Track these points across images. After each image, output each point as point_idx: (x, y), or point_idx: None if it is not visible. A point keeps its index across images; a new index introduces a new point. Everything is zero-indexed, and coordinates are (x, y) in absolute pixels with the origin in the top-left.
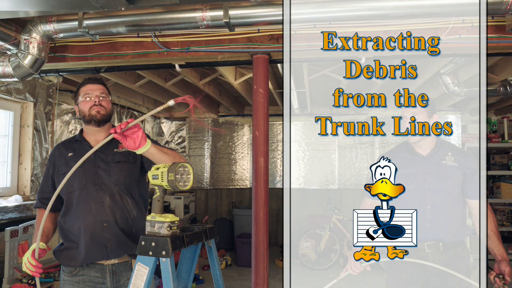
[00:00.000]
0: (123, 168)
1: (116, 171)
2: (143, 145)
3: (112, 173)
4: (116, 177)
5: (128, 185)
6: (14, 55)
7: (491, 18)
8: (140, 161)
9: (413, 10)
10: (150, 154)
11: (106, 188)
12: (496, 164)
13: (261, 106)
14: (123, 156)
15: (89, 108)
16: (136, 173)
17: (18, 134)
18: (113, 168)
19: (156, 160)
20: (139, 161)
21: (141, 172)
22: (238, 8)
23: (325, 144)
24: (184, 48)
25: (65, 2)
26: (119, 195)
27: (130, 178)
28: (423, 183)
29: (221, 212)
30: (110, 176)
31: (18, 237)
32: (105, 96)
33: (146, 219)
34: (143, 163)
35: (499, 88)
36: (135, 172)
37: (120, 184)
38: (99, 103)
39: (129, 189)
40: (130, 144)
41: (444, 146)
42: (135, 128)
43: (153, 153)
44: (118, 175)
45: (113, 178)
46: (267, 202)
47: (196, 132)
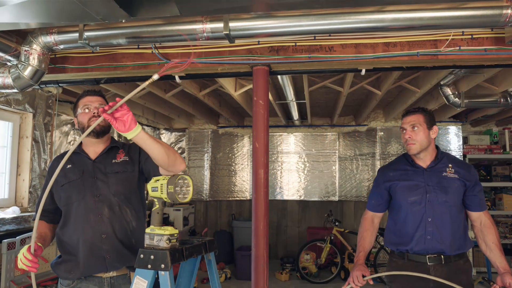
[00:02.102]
0: (122, 178)
1: (115, 181)
2: (133, 127)
3: (111, 184)
4: (115, 188)
5: (127, 195)
6: (14, 66)
7: (491, 30)
8: (138, 170)
9: (412, 22)
10: (141, 140)
11: (105, 199)
12: (498, 176)
13: (261, 118)
14: (121, 166)
15: (88, 119)
16: (135, 183)
17: (17, 145)
18: (111, 179)
19: (149, 149)
20: (137, 170)
21: (140, 181)
22: (238, 20)
23: (325, 155)
24: (184, 60)
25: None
26: (118, 206)
27: (130, 188)
28: (424, 195)
29: (221, 224)
30: (109, 187)
31: (15, 249)
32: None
33: (145, 232)
34: (141, 172)
35: (499, 99)
36: (134, 182)
37: (120, 194)
38: (98, 115)
39: (129, 199)
40: (120, 127)
41: (444, 158)
42: (125, 111)
43: (144, 139)
44: (117, 185)
45: (112, 189)
46: (267, 214)
47: (195, 143)
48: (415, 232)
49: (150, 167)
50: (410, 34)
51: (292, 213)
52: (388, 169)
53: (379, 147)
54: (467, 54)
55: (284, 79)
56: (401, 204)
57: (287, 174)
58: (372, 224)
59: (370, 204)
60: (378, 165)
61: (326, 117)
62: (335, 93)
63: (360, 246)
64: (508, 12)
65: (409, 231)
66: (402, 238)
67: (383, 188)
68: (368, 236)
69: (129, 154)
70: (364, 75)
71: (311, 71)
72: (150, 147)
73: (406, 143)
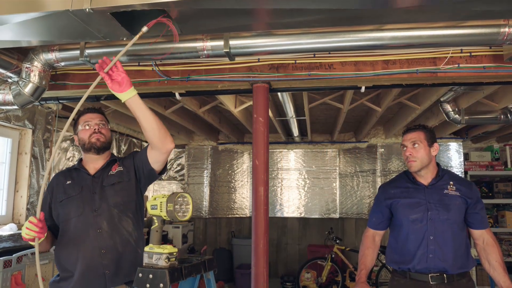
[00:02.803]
0: (119, 189)
1: (112, 193)
2: (128, 88)
3: (109, 196)
4: (113, 199)
5: (126, 205)
6: (15, 83)
7: (489, 48)
8: (135, 177)
9: (411, 41)
10: (135, 104)
11: (103, 213)
12: (500, 192)
13: (261, 135)
14: (117, 177)
15: (88, 135)
16: (133, 192)
17: (16, 161)
18: (109, 191)
19: (142, 116)
20: (133, 178)
21: (138, 190)
22: (239, 38)
23: (326, 172)
24: (185, 77)
25: (68, 33)
26: (118, 218)
27: (128, 198)
28: (425, 212)
29: (220, 242)
30: (108, 199)
31: (11, 267)
32: (104, 124)
33: (144, 250)
34: (139, 179)
35: (499, 115)
36: (132, 191)
37: (119, 205)
38: (98, 131)
39: (128, 210)
40: (115, 87)
41: (445, 175)
42: (120, 72)
43: (138, 103)
44: (115, 197)
45: (111, 201)
46: (267, 232)
47: (195, 159)
48: (417, 250)
49: (142, 157)
50: (409, 52)
51: (292, 230)
52: (389, 186)
53: (380, 163)
54: (466, 71)
55: (284, 96)
56: (403, 222)
57: (287, 191)
58: (374, 242)
59: (371, 222)
60: (379, 182)
61: (326, 134)
62: (335, 110)
63: (361, 264)
64: (505, 30)
65: (411, 249)
66: (404, 257)
67: (384, 205)
68: (369, 254)
69: (123, 163)
70: (364, 92)
71: (311, 88)
72: (144, 113)
73: (407, 160)
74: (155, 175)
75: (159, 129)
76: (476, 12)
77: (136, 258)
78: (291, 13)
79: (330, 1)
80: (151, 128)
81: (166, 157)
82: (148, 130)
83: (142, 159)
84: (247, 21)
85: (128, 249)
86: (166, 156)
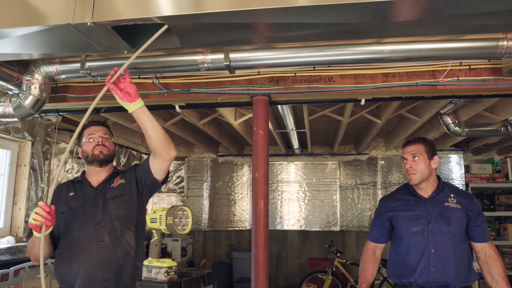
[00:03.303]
0: (121, 201)
1: (115, 206)
2: (137, 99)
3: (111, 209)
4: (115, 212)
5: (128, 218)
6: (16, 96)
7: (488, 61)
8: (137, 190)
9: (411, 54)
10: (143, 114)
11: (105, 226)
12: (502, 205)
13: (261, 148)
14: (119, 190)
15: (92, 148)
16: (135, 205)
17: (14, 173)
18: (111, 204)
19: (149, 125)
20: (135, 190)
21: (139, 203)
22: (239, 51)
23: (326, 184)
24: (185, 90)
25: (69, 46)
26: (120, 230)
27: (130, 211)
28: (426, 225)
29: (220, 255)
30: (110, 212)
31: (8, 281)
32: (108, 137)
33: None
34: (141, 191)
35: (500, 128)
36: (134, 204)
37: (121, 218)
38: (102, 143)
39: (130, 223)
40: (125, 97)
41: (446, 188)
42: (128, 83)
43: (146, 114)
44: (117, 209)
45: (112, 214)
46: (267, 245)
47: (195, 172)
48: (418, 264)
49: (144, 168)
50: (409, 65)
51: (293, 243)
52: (389, 199)
53: (380, 176)
54: (466, 84)
55: (284, 109)
56: (403, 235)
57: (287, 204)
58: (374, 255)
59: (372, 235)
60: (379, 194)
61: (326, 146)
62: (335, 122)
63: (362, 277)
64: (504, 44)
65: (412, 263)
66: (405, 270)
67: (385, 218)
68: (370, 267)
69: (125, 176)
70: (364, 105)
71: (311, 101)
72: (151, 123)
73: (407, 173)
74: (158, 185)
75: (164, 138)
76: (474, 26)
77: (135, 270)
78: (290, 27)
79: (329, 16)
80: (157, 137)
81: (169, 165)
82: (154, 139)
83: (144, 170)
84: (247, 35)
85: (128, 262)
86: (168, 164)
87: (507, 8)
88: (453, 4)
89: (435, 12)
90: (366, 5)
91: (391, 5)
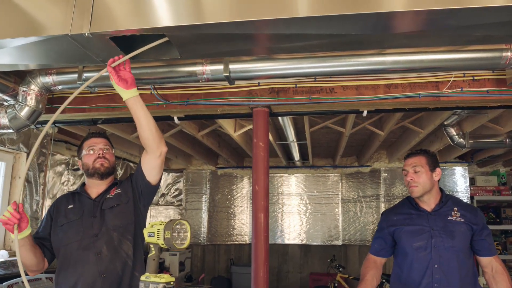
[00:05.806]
0: (117, 211)
1: (111, 216)
2: (133, 87)
3: (108, 219)
4: (112, 222)
5: (126, 228)
6: (11, 107)
7: (492, 72)
8: (133, 198)
9: (413, 65)
10: (136, 103)
11: (103, 237)
12: (508, 218)
13: (261, 160)
14: (116, 200)
15: (93, 160)
16: (132, 213)
17: (9, 186)
18: (108, 215)
19: (141, 115)
20: (132, 199)
21: (137, 212)
22: (238, 62)
23: (327, 197)
24: (184, 101)
25: (66, 57)
26: (118, 241)
27: (127, 220)
28: (429, 240)
29: (219, 270)
30: (107, 223)
31: None
32: (109, 149)
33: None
34: (138, 199)
35: (505, 139)
36: (130, 213)
37: (118, 228)
38: (103, 156)
39: (128, 233)
40: (122, 84)
41: (449, 201)
42: (127, 72)
43: (140, 104)
44: (114, 220)
45: (110, 224)
46: (268, 260)
47: (193, 184)
48: (422, 280)
49: (138, 173)
50: (412, 76)
51: (294, 258)
52: (391, 213)
53: (383, 188)
54: (469, 95)
55: (285, 120)
56: (406, 250)
57: (288, 217)
58: (375, 264)
59: (373, 248)
60: (382, 207)
61: (328, 158)
62: (337, 134)
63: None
64: (508, 54)
65: (416, 278)
66: (409, 286)
67: (387, 233)
68: (370, 275)
69: (121, 186)
70: (366, 116)
71: (312, 113)
72: (144, 113)
73: (409, 186)
74: (152, 188)
75: (156, 130)
76: (476, 37)
77: (132, 280)
78: (291, 38)
79: (330, 27)
80: (149, 128)
81: (160, 163)
82: (146, 130)
83: (138, 175)
84: (248, 45)
85: (126, 273)
86: (160, 161)
87: (509, 19)
88: (453, 15)
89: (436, 24)
90: (367, 16)
91: (392, 16)
